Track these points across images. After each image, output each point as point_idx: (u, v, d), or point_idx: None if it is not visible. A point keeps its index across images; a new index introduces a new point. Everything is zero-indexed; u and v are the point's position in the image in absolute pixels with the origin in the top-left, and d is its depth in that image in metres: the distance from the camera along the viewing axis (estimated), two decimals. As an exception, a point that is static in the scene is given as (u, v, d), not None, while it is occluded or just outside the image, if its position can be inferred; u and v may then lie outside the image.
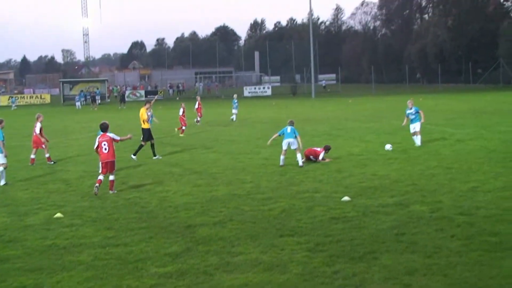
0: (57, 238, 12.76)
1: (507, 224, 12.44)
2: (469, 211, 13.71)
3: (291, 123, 22.08)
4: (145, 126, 24.93)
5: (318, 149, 22.80)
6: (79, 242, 12.34)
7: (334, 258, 10.62)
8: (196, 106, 42.11)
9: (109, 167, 17.59)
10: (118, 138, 17.88)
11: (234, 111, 44.22)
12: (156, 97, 74.80)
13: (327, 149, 22.91)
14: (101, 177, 17.58)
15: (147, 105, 25.72)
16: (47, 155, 24.31)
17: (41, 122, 24.64)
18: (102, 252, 11.55)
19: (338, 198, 15.63)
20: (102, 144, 17.53)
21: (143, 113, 25.02)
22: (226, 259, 10.82)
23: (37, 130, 24.33)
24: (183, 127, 35.14)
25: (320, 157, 22.32)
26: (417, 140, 25.56)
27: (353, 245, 11.34)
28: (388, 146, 25.15)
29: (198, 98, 44.11)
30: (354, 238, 11.85)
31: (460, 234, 11.85)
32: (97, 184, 17.42)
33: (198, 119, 41.97)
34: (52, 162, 24.09)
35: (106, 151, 17.50)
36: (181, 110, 35.81)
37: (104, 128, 17.88)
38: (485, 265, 10.00)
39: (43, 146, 24.28)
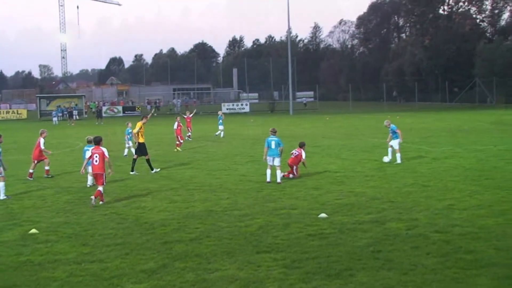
0: (32, 254, 12.63)
1: (483, 242, 12.54)
2: (444, 228, 13.81)
3: (274, 132, 21.95)
4: (141, 140, 25.14)
5: (296, 152, 22.83)
6: (54, 259, 12.21)
7: (310, 275, 10.63)
8: (185, 116, 42.69)
9: (97, 179, 18.25)
10: (108, 157, 18.27)
11: (220, 127, 44.24)
12: (153, 112, 75.36)
13: (302, 145, 23.13)
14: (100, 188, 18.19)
15: (144, 120, 26.07)
16: (31, 171, 24.31)
17: (44, 137, 24.85)
18: (78, 269, 11.45)
19: (314, 215, 15.65)
20: (94, 156, 18.15)
21: (138, 127, 25.25)
22: (203, 276, 10.78)
23: (42, 146, 24.59)
24: (181, 141, 35.43)
25: (303, 156, 22.69)
26: (397, 157, 25.67)
27: (330, 262, 11.35)
28: (386, 159, 25.60)
29: (187, 113, 44.55)
30: (331, 255, 11.87)
31: (436, 251, 11.92)
32: (100, 202, 18.08)
33: (189, 134, 42.19)
34: (31, 178, 23.95)
35: (96, 163, 18.13)
36: (176, 124, 36.12)
37: (97, 141, 18.53)
38: (460, 283, 10.06)
39: (45, 160, 24.73)
